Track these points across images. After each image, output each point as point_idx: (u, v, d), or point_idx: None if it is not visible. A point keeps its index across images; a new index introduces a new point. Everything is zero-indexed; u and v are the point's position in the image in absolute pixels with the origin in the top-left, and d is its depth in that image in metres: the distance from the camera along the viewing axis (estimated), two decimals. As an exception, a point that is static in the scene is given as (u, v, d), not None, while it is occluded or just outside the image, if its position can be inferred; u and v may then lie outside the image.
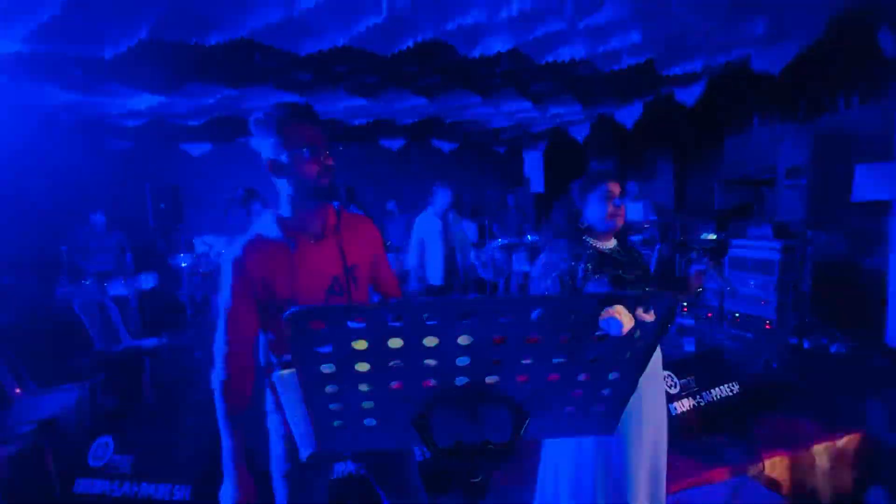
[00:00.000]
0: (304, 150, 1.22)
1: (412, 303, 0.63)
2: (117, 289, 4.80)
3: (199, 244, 5.61)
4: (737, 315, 4.90)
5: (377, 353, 0.69)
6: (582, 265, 1.52)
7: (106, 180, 6.56)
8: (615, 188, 1.59)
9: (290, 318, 0.63)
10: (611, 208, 1.56)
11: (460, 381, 0.76)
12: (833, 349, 4.12)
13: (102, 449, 2.41)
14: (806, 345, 4.06)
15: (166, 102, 4.92)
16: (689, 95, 5.59)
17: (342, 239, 1.32)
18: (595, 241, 1.61)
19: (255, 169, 1.40)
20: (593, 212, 1.59)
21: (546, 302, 0.67)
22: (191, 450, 2.34)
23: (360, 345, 0.67)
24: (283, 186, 1.28)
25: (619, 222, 1.59)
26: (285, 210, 1.30)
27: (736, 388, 3.01)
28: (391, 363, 0.71)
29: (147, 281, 5.03)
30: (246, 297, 1.23)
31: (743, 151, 7.24)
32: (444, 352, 0.70)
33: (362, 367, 0.71)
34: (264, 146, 1.28)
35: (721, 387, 2.97)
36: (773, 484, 2.52)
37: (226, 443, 1.27)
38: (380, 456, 1.49)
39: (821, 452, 2.69)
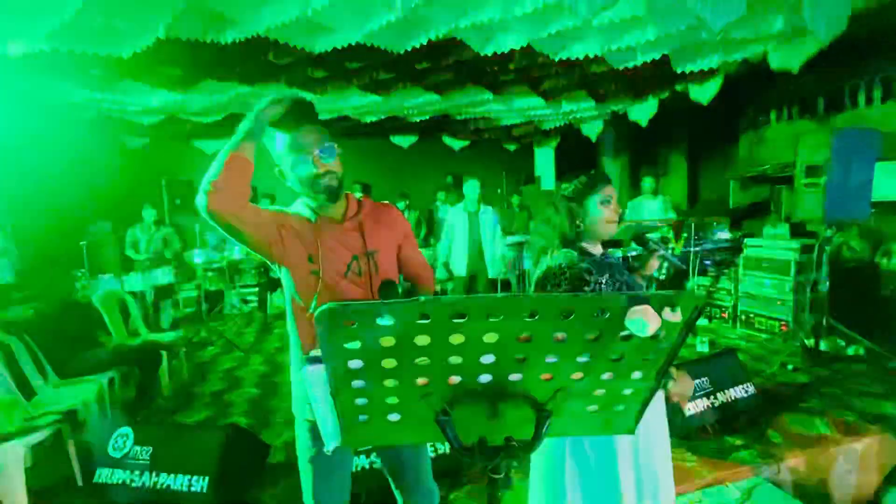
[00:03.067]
0: (301, 154, 1.30)
1: (441, 300, 0.64)
2: (135, 283, 4.88)
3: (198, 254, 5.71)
4: (751, 315, 4.84)
5: (404, 349, 0.70)
6: (585, 273, 1.47)
7: (124, 176, 6.67)
8: (612, 193, 1.54)
9: (320, 315, 0.64)
10: (607, 212, 1.51)
11: (484, 378, 0.76)
12: (851, 351, 4.06)
13: (122, 440, 2.46)
14: (823, 346, 4.00)
15: (182, 100, 4.98)
16: (704, 92, 5.51)
17: (363, 225, 1.39)
18: (589, 245, 1.56)
19: (268, 166, 1.44)
20: (588, 218, 1.53)
21: (576, 301, 0.67)
22: (207, 442, 2.38)
23: (388, 341, 0.68)
24: (301, 184, 1.35)
25: (615, 228, 1.54)
26: (308, 201, 1.40)
27: (751, 389, 2.99)
28: (417, 360, 0.72)
29: (163, 276, 5.11)
30: (245, 175, 1.23)
31: (759, 149, 7.13)
32: (469, 349, 0.71)
33: (389, 363, 0.72)
34: (270, 148, 1.38)
35: (735, 388, 2.95)
36: (789, 486, 2.50)
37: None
38: (396, 453, 1.51)
39: (838, 455, 2.66)
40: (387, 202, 1.58)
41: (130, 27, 3.28)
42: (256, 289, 6.33)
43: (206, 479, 2.27)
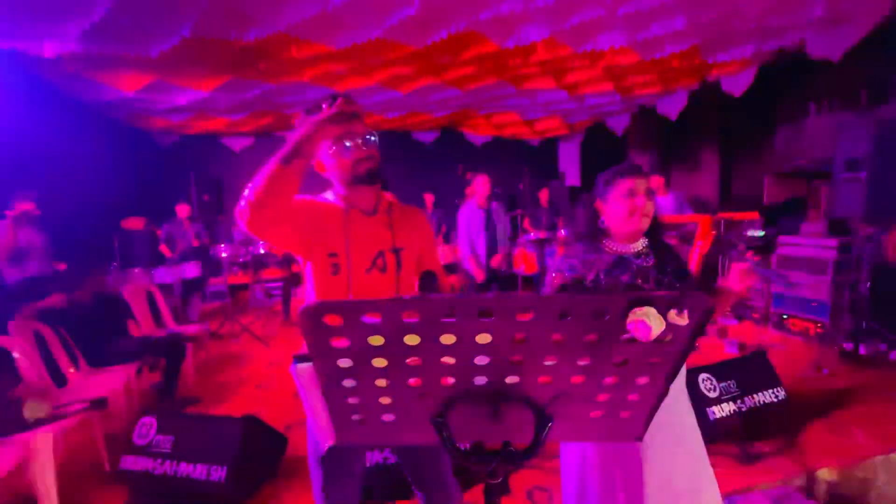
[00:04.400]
0: (344, 142, 1.29)
1: (428, 299, 0.61)
2: (162, 277, 5.04)
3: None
4: (784, 317, 4.63)
5: (393, 349, 0.67)
6: (592, 274, 1.41)
7: (154, 173, 6.89)
8: (639, 184, 1.43)
9: (304, 312, 0.62)
10: (630, 205, 1.41)
11: (479, 380, 0.73)
12: (893, 356, 3.83)
13: (146, 428, 2.53)
14: (862, 350, 3.79)
15: (208, 98, 5.09)
16: (737, 84, 5.29)
17: (393, 220, 1.39)
18: (615, 243, 1.47)
19: None
20: (613, 210, 1.45)
21: (570, 301, 0.63)
22: (227, 432, 2.42)
23: (377, 340, 0.66)
24: (341, 168, 1.34)
25: (645, 224, 1.43)
26: (342, 189, 1.38)
27: (781, 393, 2.85)
28: (408, 360, 0.69)
29: (192, 270, 5.26)
30: (289, 188, 1.19)
31: (796, 143, 6.81)
32: (462, 350, 0.68)
33: (379, 362, 0.70)
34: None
35: (765, 392, 2.82)
36: (820, 497, 2.37)
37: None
38: (412, 451, 1.49)
39: (875, 466, 2.51)
40: (415, 206, 1.58)
41: (157, 27, 3.37)
42: (280, 283, 6.44)
43: (225, 468, 2.31)
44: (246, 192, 1.14)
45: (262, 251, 5.88)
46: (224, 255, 5.69)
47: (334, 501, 1.36)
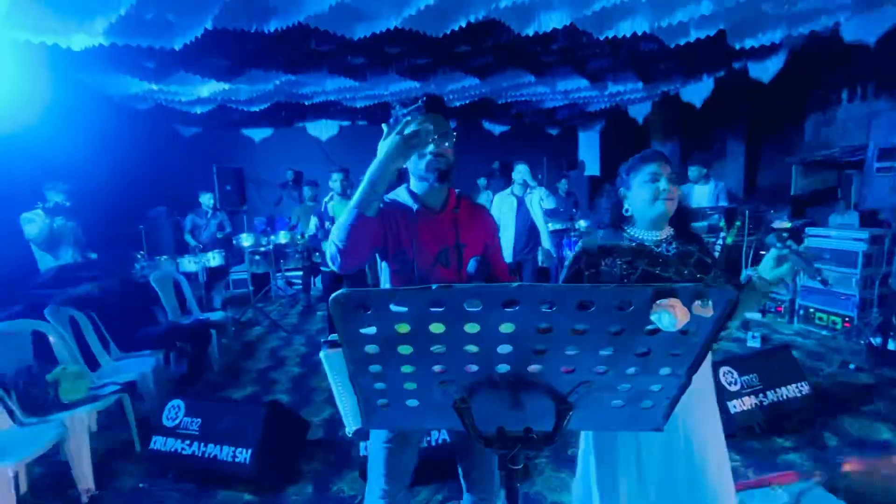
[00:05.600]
0: (438, 138, 1.34)
1: (453, 289, 0.63)
2: (189, 265, 5.18)
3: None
4: (811, 310, 4.52)
5: (419, 336, 0.69)
6: (609, 261, 1.39)
7: (177, 164, 7.03)
8: (663, 168, 1.40)
9: (334, 300, 0.64)
10: (654, 190, 1.38)
11: (502, 368, 0.75)
12: (924, 351, 3.72)
13: (175, 411, 2.63)
14: (892, 346, 3.69)
15: (230, 89, 5.16)
16: (765, 70, 5.12)
17: (458, 218, 1.45)
18: (639, 231, 1.45)
19: (312, 153, 1.48)
20: (637, 196, 1.42)
21: (594, 292, 0.64)
22: (251, 416, 2.50)
23: (403, 328, 0.68)
24: (415, 165, 1.41)
25: (670, 208, 1.40)
26: (415, 185, 1.46)
27: (805, 388, 2.80)
28: (433, 347, 0.71)
29: (215, 259, 5.39)
30: (371, 229, 1.32)
31: (827, 131, 6.57)
32: (485, 339, 0.69)
33: (405, 349, 0.72)
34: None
35: (788, 386, 2.77)
36: (843, 493, 2.33)
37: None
38: (466, 441, 1.51)
39: (903, 463, 2.45)
40: (482, 204, 1.63)
41: (180, 20, 3.42)
42: (301, 272, 6.55)
43: (249, 451, 2.39)
44: (334, 240, 1.28)
45: (283, 241, 5.98)
46: (246, 244, 5.81)
47: (393, 478, 1.40)
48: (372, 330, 0.69)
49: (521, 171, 4.32)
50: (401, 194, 1.48)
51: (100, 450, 2.75)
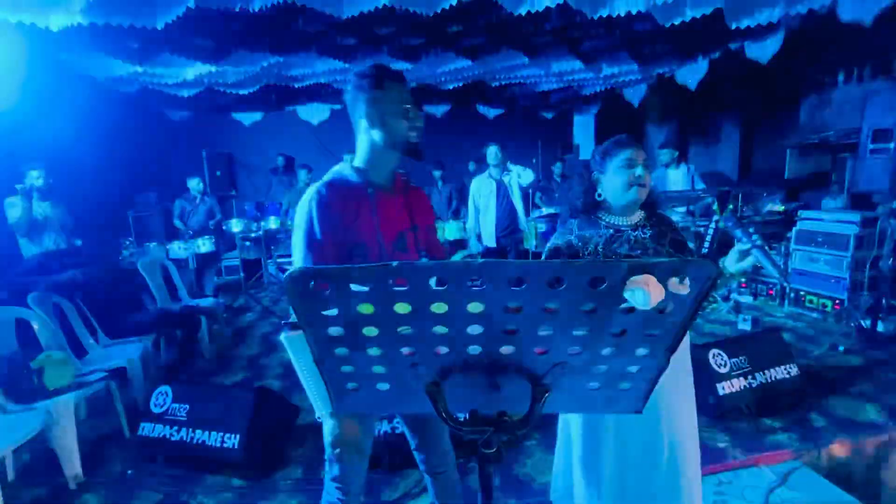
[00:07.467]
0: (402, 105, 1.30)
1: (415, 266, 0.59)
2: (178, 251, 5.11)
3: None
4: (801, 293, 4.53)
5: (384, 317, 0.66)
6: (589, 248, 1.40)
7: (166, 149, 6.91)
8: (638, 154, 1.42)
9: (289, 278, 0.61)
10: (629, 177, 1.40)
11: (474, 350, 0.72)
12: (913, 333, 3.74)
13: (162, 397, 2.61)
14: (881, 328, 3.71)
15: (217, 71, 5.04)
16: (763, 51, 5.03)
17: (409, 200, 1.41)
18: (612, 216, 1.47)
19: (304, 137, 1.44)
20: (611, 182, 1.44)
21: (564, 268, 0.61)
22: (240, 402, 2.49)
23: (367, 308, 0.65)
24: (370, 138, 1.33)
25: (642, 195, 1.42)
26: (362, 161, 1.36)
27: (794, 370, 2.81)
28: (400, 329, 0.68)
29: (205, 245, 5.32)
30: (328, 233, 1.27)
31: (822, 113, 6.52)
32: (453, 319, 0.66)
33: (370, 331, 0.69)
34: (361, 99, 1.32)
35: (777, 368, 2.78)
36: (830, 474, 2.36)
37: None
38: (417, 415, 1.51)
39: (889, 445, 2.48)
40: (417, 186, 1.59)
41: (161, -3, 3.31)
42: (292, 258, 6.51)
43: (238, 436, 2.38)
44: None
45: (273, 227, 5.92)
46: (236, 230, 5.74)
47: (347, 472, 1.38)
48: (334, 311, 0.66)
49: (492, 153, 4.30)
50: (345, 171, 1.36)
51: (89, 436, 2.74)
